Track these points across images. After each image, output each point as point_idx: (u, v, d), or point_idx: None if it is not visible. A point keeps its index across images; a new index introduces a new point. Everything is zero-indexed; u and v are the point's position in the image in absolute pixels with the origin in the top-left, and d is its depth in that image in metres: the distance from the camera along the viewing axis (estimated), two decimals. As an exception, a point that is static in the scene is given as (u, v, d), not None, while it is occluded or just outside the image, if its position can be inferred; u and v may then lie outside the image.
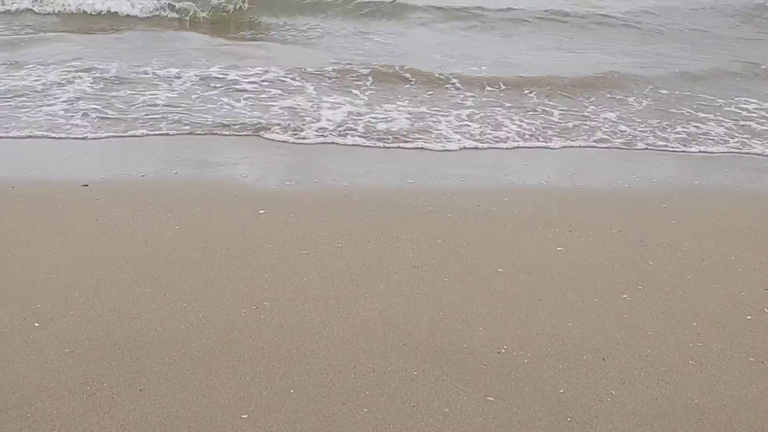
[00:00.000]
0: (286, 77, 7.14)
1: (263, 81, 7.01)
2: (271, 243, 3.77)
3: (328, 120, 6.03)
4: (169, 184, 4.58)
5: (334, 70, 7.46)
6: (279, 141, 5.56)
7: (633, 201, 4.66)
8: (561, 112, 6.62)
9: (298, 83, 7.01)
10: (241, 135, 5.62)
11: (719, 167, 5.55)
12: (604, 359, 2.93)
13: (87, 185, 4.45)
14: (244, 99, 6.49)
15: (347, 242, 3.82)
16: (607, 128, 6.26)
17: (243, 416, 2.52)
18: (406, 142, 5.67)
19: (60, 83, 6.61)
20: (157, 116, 5.91)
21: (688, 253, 3.89)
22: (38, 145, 5.28)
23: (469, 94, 6.99)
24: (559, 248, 3.87)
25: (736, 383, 2.81)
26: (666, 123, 6.44)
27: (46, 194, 4.29)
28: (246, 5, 10.40)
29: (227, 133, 5.64)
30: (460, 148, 5.62)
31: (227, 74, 7.15)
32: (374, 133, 5.80)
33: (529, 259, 3.73)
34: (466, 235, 3.99)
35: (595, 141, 5.98)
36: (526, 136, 5.96)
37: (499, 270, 3.60)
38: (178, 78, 6.97)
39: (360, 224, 4.05)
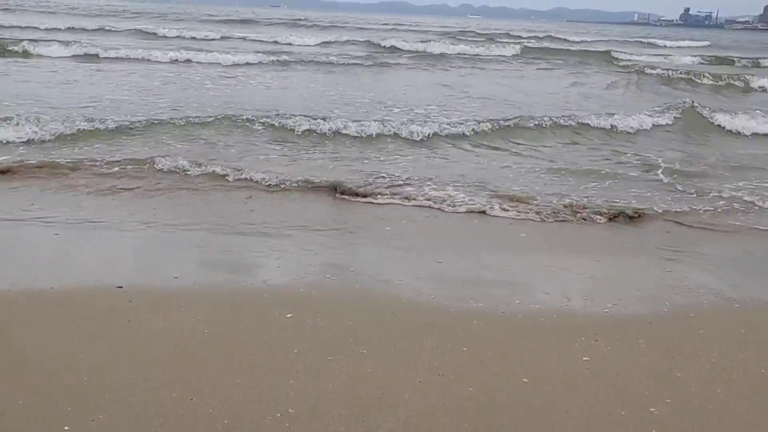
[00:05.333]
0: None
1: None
2: (297, 348, 3.82)
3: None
4: (199, 287, 4.70)
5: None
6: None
7: (660, 310, 4.64)
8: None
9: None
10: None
11: (749, 275, 5.53)
12: (632, 477, 2.87)
13: (121, 287, 4.59)
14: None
15: (372, 348, 3.85)
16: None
17: None
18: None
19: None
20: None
21: (717, 365, 3.84)
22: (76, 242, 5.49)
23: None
24: (585, 358, 3.85)
25: (770, 506, 2.72)
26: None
27: (83, 295, 4.43)
28: None
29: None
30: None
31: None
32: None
33: (555, 369, 3.71)
34: (491, 342, 4.00)
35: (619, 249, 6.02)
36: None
37: (524, 380, 3.59)
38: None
39: (385, 329, 4.09)
